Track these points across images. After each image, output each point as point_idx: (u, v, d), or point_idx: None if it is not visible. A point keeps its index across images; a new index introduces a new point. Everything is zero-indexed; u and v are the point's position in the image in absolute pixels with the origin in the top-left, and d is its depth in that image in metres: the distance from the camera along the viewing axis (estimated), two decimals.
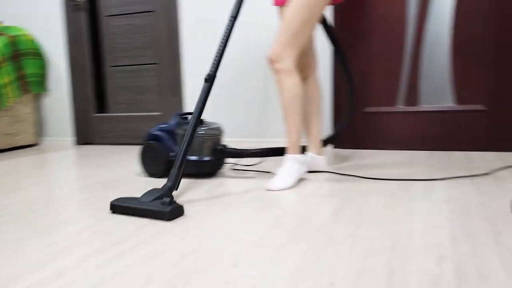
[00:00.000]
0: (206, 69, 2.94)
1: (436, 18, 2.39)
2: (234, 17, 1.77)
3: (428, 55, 2.43)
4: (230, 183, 1.91)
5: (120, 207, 1.51)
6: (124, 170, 2.32)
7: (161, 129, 2.07)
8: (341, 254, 1.07)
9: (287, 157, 1.84)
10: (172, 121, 2.06)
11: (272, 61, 1.80)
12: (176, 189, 1.57)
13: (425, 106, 2.48)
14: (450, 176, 1.83)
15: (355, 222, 1.31)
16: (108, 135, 3.37)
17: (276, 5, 1.98)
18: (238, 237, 1.22)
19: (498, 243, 1.09)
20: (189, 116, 2.20)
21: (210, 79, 1.72)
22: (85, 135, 3.44)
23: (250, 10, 2.76)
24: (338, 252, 1.08)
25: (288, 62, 1.78)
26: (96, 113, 3.40)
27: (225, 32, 1.75)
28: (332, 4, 1.87)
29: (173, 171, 1.58)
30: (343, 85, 2.60)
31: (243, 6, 1.84)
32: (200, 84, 2.97)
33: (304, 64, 2.00)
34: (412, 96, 2.49)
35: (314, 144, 2.03)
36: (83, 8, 3.28)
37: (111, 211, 1.54)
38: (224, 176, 2.08)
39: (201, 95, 1.69)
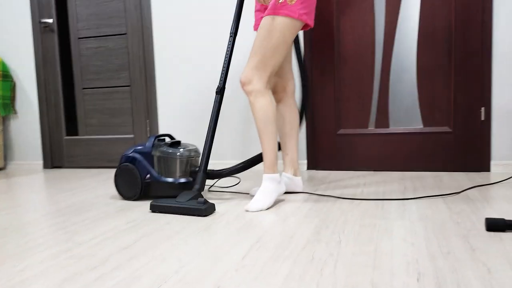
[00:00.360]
0: (179, 91, 2.94)
1: (402, 44, 2.50)
2: (234, 34, 1.95)
3: (396, 80, 2.53)
4: None
5: (159, 206, 1.78)
6: (97, 193, 2.26)
7: (136, 151, 2.04)
8: (325, 272, 1.08)
9: (264, 177, 1.85)
10: (148, 143, 2.04)
11: (243, 84, 1.83)
12: (202, 190, 1.88)
13: (395, 128, 2.56)
14: (423, 195, 1.89)
15: (336, 241, 1.32)
16: (79, 159, 3.29)
17: (256, 30, 2.03)
18: (220, 258, 1.21)
19: (474, 259, 1.13)
20: (166, 138, 2.20)
21: (221, 92, 1.94)
22: (55, 158, 3.35)
23: (238, 36, 2.81)
24: (321, 271, 1.09)
25: (258, 83, 1.81)
26: (67, 136, 3.33)
27: (228, 48, 1.95)
28: (303, 29, 1.93)
29: (199, 175, 1.89)
30: (319, 109, 2.66)
31: (240, 22, 1.99)
32: (175, 106, 2.96)
33: (280, 86, 2.04)
34: (383, 119, 2.58)
35: (290, 165, 2.05)
36: (54, 30, 3.24)
37: (150, 210, 1.81)
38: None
39: (214, 106, 1.94)
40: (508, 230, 1.35)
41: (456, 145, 2.45)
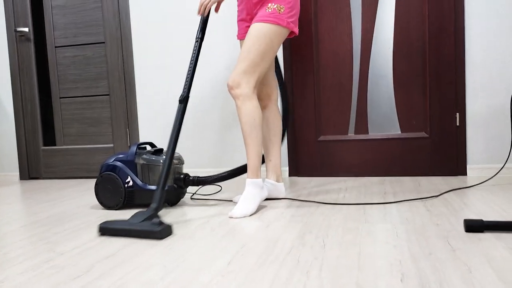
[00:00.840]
0: (160, 99, 2.93)
1: (379, 52, 2.56)
2: (200, 39, 1.88)
3: (374, 87, 2.59)
4: (192, 212, 1.89)
5: (109, 230, 1.57)
6: (77, 203, 2.22)
7: (118, 159, 2.02)
8: (311, 275, 1.09)
9: (247, 181, 1.85)
10: (131, 151, 2.03)
11: (231, 87, 1.86)
12: (160, 210, 1.65)
13: (374, 134, 2.61)
14: (403, 199, 1.93)
15: (320, 245, 1.34)
16: (58, 169, 3.23)
17: (239, 39, 2.06)
18: (206, 265, 1.21)
19: (455, 259, 1.16)
20: (147, 146, 2.18)
21: (184, 100, 1.82)
22: (32, 169, 3.27)
23: (217, 45, 2.82)
24: (307, 274, 1.10)
25: (246, 88, 1.84)
26: (44, 146, 3.26)
27: (193, 53, 1.85)
28: (288, 37, 1.96)
29: (157, 192, 1.65)
30: (300, 116, 2.69)
31: (206, 27, 1.94)
32: (155, 114, 2.95)
33: (265, 94, 2.06)
34: (362, 125, 2.62)
35: (273, 171, 2.06)
36: (30, 39, 3.19)
37: (99, 233, 1.58)
38: (185, 205, 2.05)
39: (176, 116, 1.78)
40: (486, 231, 1.39)
41: (433, 150, 2.52)
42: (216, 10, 1.97)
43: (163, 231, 1.50)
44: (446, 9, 2.43)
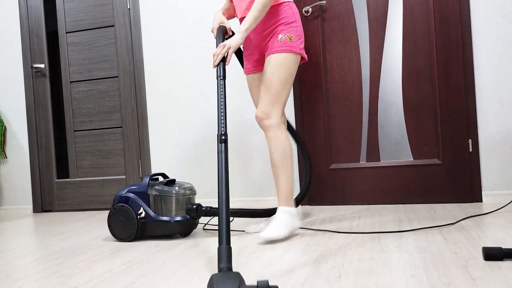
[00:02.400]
0: (171, 131, 2.97)
1: (388, 80, 2.58)
2: (223, 77, 1.80)
3: (385, 114, 2.60)
4: (204, 243, 1.88)
5: None
6: (90, 235, 2.22)
7: (131, 191, 2.03)
8: None
9: (280, 209, 1.89)
10: (143, 182, 2.04)
11: (261, 119, 1.94)
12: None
13: (386, 161, 2.60)
14: (418, 227, 1.90)
15: (336, 275, 1.31)
16: (70, 201, 3.25)
17: (247, 73, 2.13)
18: None
19: None
20: (160, 177, 2.19)
21: (225, 139, 1.63)
22: (46, 202, 3.30)
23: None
24: None
25: (275, 117, 1.92)
26: (58, 178, 3.30)
27: (221, 91, 1.75)
28: (300, 63, 2.03)
29: (223, 247, 1.32)
30: (311, 145, 2.69)
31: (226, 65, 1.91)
32: (167, 146, 2.98)
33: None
34: (374, 152, 2.62)
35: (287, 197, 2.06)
36: (46, 75, 3.28)
37: None
38: (198, 236, 2.04)
39: (220, 157, 1.58)
40: (506, 259, 1.36)
41: (446, 176, 2.49)
42: (228, 62, 1.90)
43: None
44: (453, 38, 2.46)
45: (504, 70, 2.39)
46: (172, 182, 2.08)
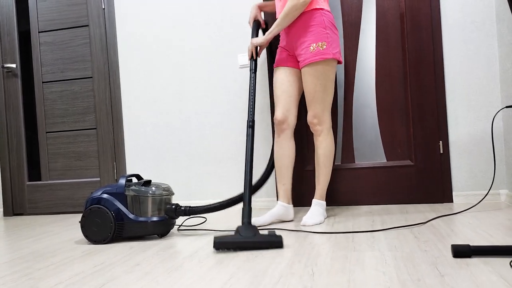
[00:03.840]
0: (147, 132, 2.94)
1: (362, 82, 2.63)
2: (254, 71, 2.11)
3: (359, 116, 2.64)
4: (180, 244, 1.86)
5: (226, 243, 1.67)
6: (61, 238, 2.18)
7: (107, 192, 2.00)
8: None
9: (316, 202, 2.17)
10: (120, 183, 2.01)
11: (315, 125, 2.15)
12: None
13: (360, 163, 2.64)
14: (390, 227, 1.93)
15: (309, 274, 1.32)
16: (42, 205, 3.17)
17: (278, 66, 2.25)
18: None
19: (444, 285, 1.16)
20: (134, 178, 2.18)
21: (253, 125, 1.98)
22: (17, 205, 3.21)
23: (216, 78, 2.87)
24: None
25: (327, 123, 2.16)
26: (29, 181, 3.22)
27: (251, 84, 2.07)
28: (339, 63, 2.20)
29: (245, 207, 1.81)
30: None
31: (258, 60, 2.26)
32: (143, 147, 2.94)
33: (286, 118, 2.21)
34: (349, 154, 2.65)
35: (286, 195, 2.23)
36: (17, 75, 3.21)
37: (214, 249, 1.67)
38: (173, 236, 2.02)
39: (248, 140, 1.95)
40: (474, 256, 1.40)
41: (418, 177, 2.55)
42: (255, 56, 2.18)
43: (282, 240, 1.67)
44: (424, 42, 2.52)
45: (473, 74, 2.47)
46: (148, 183, 2.06)
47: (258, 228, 1.99)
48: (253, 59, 2.16)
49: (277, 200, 2.27)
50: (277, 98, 2.23)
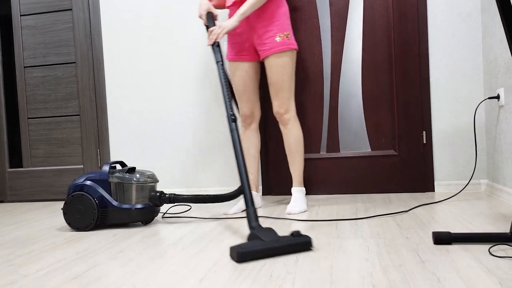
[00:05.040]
0: (131, 119, 2.90)
1: (348, 73, 2.64)
2: (222, 61, 1.97)
3: (345, 106, 2.65)
4: (164, 231, 1.86)
5: (252, 253, 1.35)
6: (43, 226, 2.15)
7: (90, 179, 1.98)
8: None
9: (297, 189, 2.19)
10: (104, 170, 1.99)
11: (281, 114, 2.15)
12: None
13: (345, 152, 2.66)
14: (373, 215, 1.96)
15: (293, 260, 1.33)
16: (24, 192, 3.12)
17: (232, 60, 2.20)
18: (177, 283, 1.19)
19: (424, 270, 1.18)
20: (117, 165, 2.15)
21: (235, 118, 1.85)
22: None
23: (197, 68, 2.84)
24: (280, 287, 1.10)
25: (293, 111, 2.16)
26: (10, 168, 3.16)
27: (222, 76, 1.94)
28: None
29: (250, 210, 1.59)
30: (272, 136, 2.71)
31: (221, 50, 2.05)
32: (127, 134, 2.91)
33: (251, 113, 2.25)
34: (334, 144, 2.67)
35: (253, 183, 2.28)
36: None
37: (236, 261, 1.34)
38: (158, 223, 2.02)
39: (234, 134, 1.80)
40: (454, 243, 1.42)
41: (402, 167, 2.58)
42: (213, 42, 2.03)
43: (311, 240, 1.44)
44: (411, 34, 2.54)
45: (458, 66, 2.49)
46: (132, 170, 2.04)
47: (231, 217, 2.05)
48: (218, 45, 2.01)
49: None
50: (239, 94, 2.24)
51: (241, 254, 1.33)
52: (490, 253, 1.29)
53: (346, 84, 2.65)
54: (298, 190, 2.19)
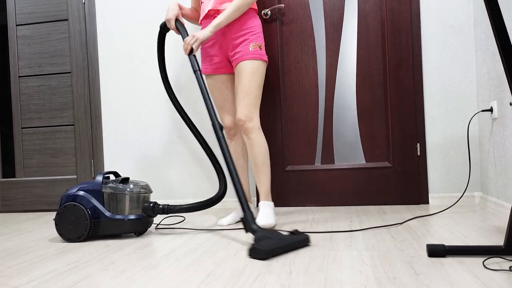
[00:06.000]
0: (127, 129, 2.89)
1: (343, 84, 2.65)
2: (199, 70, 1.99)
3: (340, 118, 2.66)
4: (157, 242, 1.84)
5: (273, 251, 1.50)
6: (35, 237, 2.12)
7: (82, 189, 1.96)
8: None
9: (264, 203, 2.07)
10: (97, 180, 1.97)
11: (244, 122, 2.04)
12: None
13: (339, 164, 2.66)
14: (368, 227, 1.95)
15: (287, 272, 1.32)
16: (17, 202, 3.09)
17: (206, 74, 2.19)
18: None
19: (418, 283, 1.18)
20: (111, 176, 2.14)
21: (222, 126, 1.90)
22: None
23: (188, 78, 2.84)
24: None
25: (256, 119, 2.07)
26: (3, 178, 3.13)
27: (200, 85, 1.95)
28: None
29: (247, 214, 1.69)
30: (268, 146, 2.71)
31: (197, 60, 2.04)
32: (122, 144, 2.90)
33: (233, 124, 2.23)
34: (328, 155, 2.67)
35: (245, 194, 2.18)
36: None
37: (260, 259, 1.48)
38: (151, 234, 2.00)
39: (222, 142, 1.84)
40: (448, 255, 1.42)
41: (396, 179, 2.58)
42: (193, 52, 2.04)
43: (309, 238, 1.65)
44: (404, 46, 2.56)
45: (451, 78, 2.51)
46: (126, 180, 2.03)
47: (225, 228, 2.08)
48: (194, 55, 2.02)
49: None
50: (220, 107, 2.23)
51: (266, 252, 1.47)
52: (484, 266, 1.29)
53: (341, 96, 2.66)
54: (266, 205, 2.07)
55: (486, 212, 2.19)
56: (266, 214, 2.02)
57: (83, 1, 2.98)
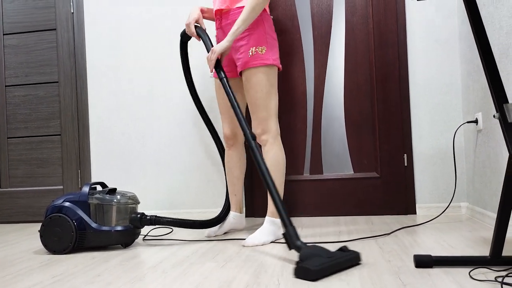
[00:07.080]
0: (114, 139, 2.87)
1: (331, 95, 2.67)
2: (225, 77, 1.89)
3: (328, 128, 2.68)
4: (144, 254, 1.82)
5: (324, 270, 1.36)
6: (19, 248, 2.09)
7: (68, 200, 1.94)
8: None
9: (267, 219, 1.98)
10: (83, 191, 1.95)
11: (259, 135, 1.99)
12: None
13: (328, 174, 2.67)
14: (356, 237, 1.96)
15: (275, 284, 1.32)
16: (2, 213, 3.03)
17: (215, 77, 2.10)
18: None
19: None
20: (98, 186, 2.12)
21: (254, 136, 1.80)
22: None
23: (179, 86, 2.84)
24: None
25: (272, 132, 1.97)
26: None
27: (228, 93, 1.84)
28: (279, 70, 2.08)
29: (290, 229, 1.56)
30: None
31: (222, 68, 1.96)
32: (109, 154, 2.88)
33: (233, 134, 2.19)
34: (317, 165, 2.68)
35: (238, 205, 2.23)
36: None
37: (313, 279, 1.33)
38: (138, 246, 1.98)
39: (255, 151, 1.73)
40: (435, 266, 1.43)
41: (384, 189, 2.60)
42: (213, 63, 1.93)
43: (360, 255, 1.52)
44: (391, 58, 2.60)
45: (437, 90, 2.55)
46: (113, 191, 2.01)
47: (214, 239, 2.05)
48: (220, 68, 1.92)
49: (230, 210, 2.24)
50: (222, 114, 2.18)
51: (316, 272, 1.33)
52: (471, 276, 1.30)
53: (329, 107, 2.68)
54: (268, 221, 1.98)
55: (472, 222, 2.21)
56: (264, 232, 1.93)
57: (72, 11, 2.97)
